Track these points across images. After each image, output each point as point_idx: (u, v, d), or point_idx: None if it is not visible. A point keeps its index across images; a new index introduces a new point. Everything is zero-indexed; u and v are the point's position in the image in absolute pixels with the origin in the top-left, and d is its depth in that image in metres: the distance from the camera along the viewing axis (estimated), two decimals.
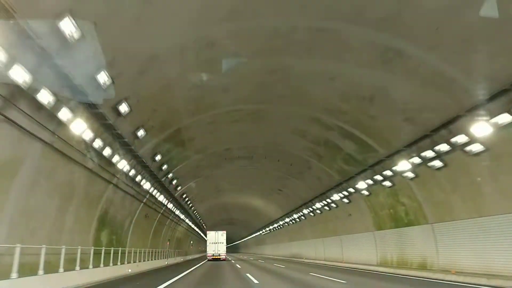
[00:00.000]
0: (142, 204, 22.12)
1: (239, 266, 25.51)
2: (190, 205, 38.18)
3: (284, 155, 24.31)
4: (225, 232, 39.32)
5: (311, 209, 31.87)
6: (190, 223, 45.55)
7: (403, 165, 15.79)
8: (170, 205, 28.94)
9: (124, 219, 20.04)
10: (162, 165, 20.12)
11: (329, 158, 21.57)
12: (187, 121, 16.92)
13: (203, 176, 29.59)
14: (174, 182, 24.90)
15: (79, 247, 12.50)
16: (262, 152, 24.83)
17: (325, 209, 28.72)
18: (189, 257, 51.64)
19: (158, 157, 18.28)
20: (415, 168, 15.38)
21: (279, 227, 48.35)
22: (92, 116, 11.36)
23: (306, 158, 23.43)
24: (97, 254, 14.85)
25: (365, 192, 20.98)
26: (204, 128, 18.98)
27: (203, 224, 62.79)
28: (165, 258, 32.01)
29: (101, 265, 14.71)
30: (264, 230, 59.76)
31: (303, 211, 34.59)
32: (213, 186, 36.19)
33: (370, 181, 19.43)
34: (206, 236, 44.91)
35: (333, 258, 29.86)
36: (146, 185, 19.79)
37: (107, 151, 13.21)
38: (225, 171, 30.24)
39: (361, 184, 20.44)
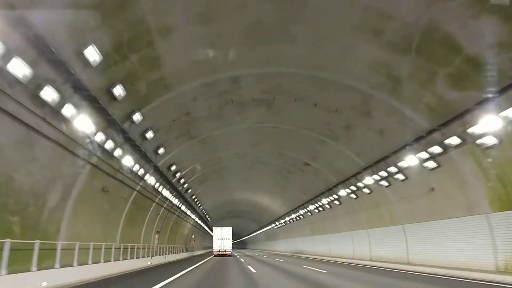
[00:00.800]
0: (89, 165, 12.96)
1: (254, 271, 16.23)
2: (187, 186, 28.89)
3: (327, 89, 14.68)
4: (231, 228, 40.25)
5: (353, 189, 22.45)
6: (190, 213, 36.88)
7: None
8: (151, 180, 19.73)
9: (47, 188, 10.88)
10: (113, 84, 10.66)
11: (417, 81, 11.96)
12: None
13: (198, 137, 20.19)
14: (150, 135, 15.44)
15: None
16: (289, 89, 15.34)
17: (380, 185, 19.27)
18: (190, 254, 42.82)
19: (93, 56, 8.86)
20: None
21: (298, 217, 39.10)
22: None
23: (366, 92, 13.88)
24: None
25: (487, 142, 11.48)
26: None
27: (207, 216, 53.93)
28: (150, 256, 23.22)
29: None
30: (278, 223, 50.47)
31: (337, 194, 25.23)
32: (215, 160, 26.77)
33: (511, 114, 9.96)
34: (211, 231, 47.73)
35: (387, 258, 20.48)
36: (81, 123, 10.51)
37: None
38: (230, 131, 20.88)
39: (484, 125, 10.93)
